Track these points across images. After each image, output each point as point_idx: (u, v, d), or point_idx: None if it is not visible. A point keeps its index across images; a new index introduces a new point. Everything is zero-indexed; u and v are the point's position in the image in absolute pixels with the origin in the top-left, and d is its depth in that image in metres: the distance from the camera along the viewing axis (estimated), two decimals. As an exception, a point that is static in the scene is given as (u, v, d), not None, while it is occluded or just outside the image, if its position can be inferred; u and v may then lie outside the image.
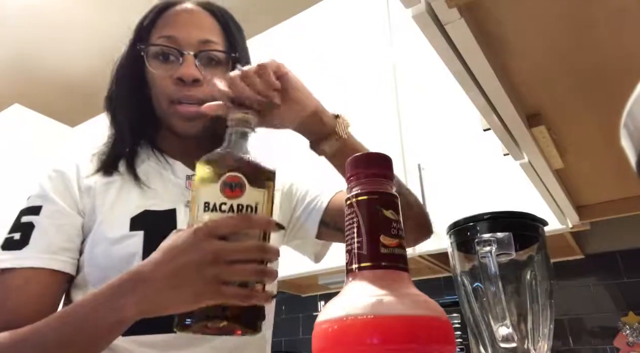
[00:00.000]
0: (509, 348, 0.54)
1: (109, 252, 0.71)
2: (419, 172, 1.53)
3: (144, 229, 0.72)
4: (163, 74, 0.77)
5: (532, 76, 0.60)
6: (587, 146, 0.77)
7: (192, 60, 0.76)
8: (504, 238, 0.56)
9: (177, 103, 0.76)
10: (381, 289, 0.32)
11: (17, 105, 2.66)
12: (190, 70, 0.75)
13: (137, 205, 0.75)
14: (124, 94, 0.81)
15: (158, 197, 0.77)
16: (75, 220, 0.74)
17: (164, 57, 0.77)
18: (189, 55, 0.76)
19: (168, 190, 0.79)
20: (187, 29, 0.78)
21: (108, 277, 0.67)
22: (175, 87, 0.76)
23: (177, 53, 0.76)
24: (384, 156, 0.36)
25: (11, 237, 0.71)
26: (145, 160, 0.81)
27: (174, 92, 0.76)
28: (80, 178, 0.78)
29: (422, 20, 0.45)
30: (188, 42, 0.77)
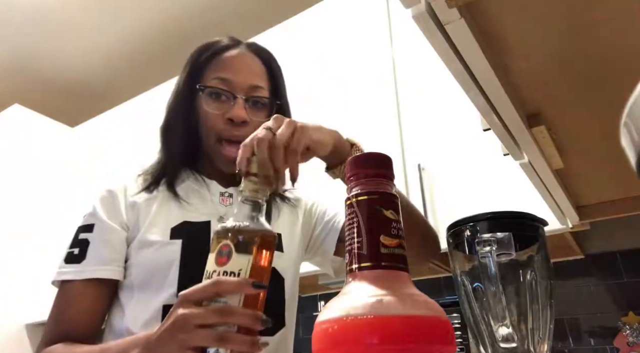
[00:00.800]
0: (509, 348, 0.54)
1: (151, 257, 0.80)
2: (419, 172, 1.53)
3: (182, 238, 0.81)
4: (215, 112, 0.86)
5: (532, 76, 0.60)
6: (587, 146, 0.77)
7: (242, 103, 0.86)
8: (504, 238, 0.56)
9: (224, 141, 0.85)
10: (381, 289, 0.32)
11: (17, 105, 2.66)
12: (241, 113, 0.85)
13: (176, 217, 0.84)
14: (177, 123, 0.90)
15: (195, 210, 0.86)
16: (121, 234, 0.84)
17: (217, 97, 0.87)
18: (240, 99, 0.86)
19: (204, 205, 0.88)
20: (240, 73, 0.88)
21: (150, 280, 0.79)
22: (225, 126, 0.85)
23: (230, 95, 0.86)
24: (384, 156, 0.36)
25: (72, 252, 0.82)
26: (185, 180, 0.90)
27: (223, 130, 0.85)
28: (127, 196, 0.87)
29: (422, 20, 0.45)
30: (240, 87, 0.87)
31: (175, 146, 0.90)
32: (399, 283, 0.33)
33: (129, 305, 0.81)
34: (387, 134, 1.66)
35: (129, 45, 2.70)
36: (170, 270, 0.79)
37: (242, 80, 0.87)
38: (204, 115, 0.87)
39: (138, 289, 0.81)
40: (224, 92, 0.86)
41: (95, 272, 0.80)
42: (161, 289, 0.79)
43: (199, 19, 2.52)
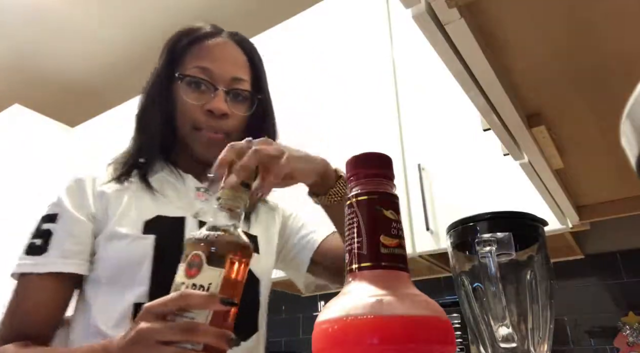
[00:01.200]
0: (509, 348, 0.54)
1: (121, 251, 0.76)
2: (419, 172, 1.53)
3: (155, 234, 0.77)
4: (194, 103, 0.82)
5: (532, 76, 0.60)
6: (587, 146, 0.77)
7: (223, 95, 0.82)
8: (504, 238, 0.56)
9: (200, 129, 0.82)
10: (381, 289, 0.32)
11: (17, 105, 2.66)
12: (221, 105, 0.82)
13: (150, 210, 0.80)
14: (153, 110, 0.86)
15: (169, 204, 0.82)
16: (86, 226, 0.79)
17: (197, 86, 0.83)
18: (221, 90, 0.83)
19: (179, 199, 0.84)
20: (221, 64, 0.84)
21: (120, 275, 0.75)
22: (204, 117, 0.82)
23: (211, 86, 0.83)
24: (384, 156, 0.36)
25: (33, 243, 0.77)
26: (159, 171, 0.86)
27: (201, 121, 0.82)
28: (95, 186, 0.83)
29: (422, 20, 0.45)
30: (222, 78, 0.83)
31: (150, 134, 0.86)
32: (399, 283, 0.33)
33: (96, 302, 0.77)
34: (387, 134, 1.66)
35: (129, 46, 2.70)
36: (142, 266, 0.75)
37: (224, 71, 0.83)
38: (182, 104, 0.83)
39: (106, 284, 0.77)
40: (205, 82, 0.82)
41: (57, 266, 0.75)
42: (132, 286, 0.75)
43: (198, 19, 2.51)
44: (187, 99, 0.82)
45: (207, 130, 0.82)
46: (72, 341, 0.77)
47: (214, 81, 0.83)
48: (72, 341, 0.77)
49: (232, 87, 0.84)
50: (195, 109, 0.82)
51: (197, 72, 0.83)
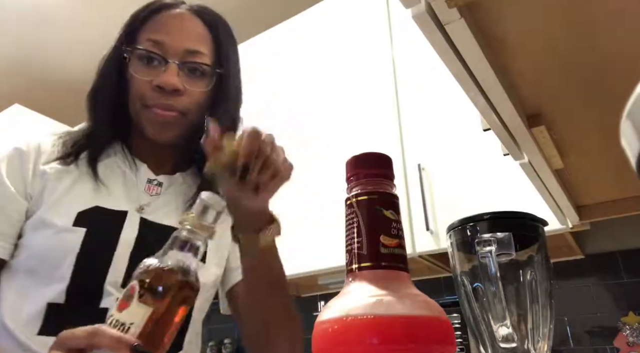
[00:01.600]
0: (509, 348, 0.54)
1: (45, 242, 0.70)
2: (419, 172, 1.53)
3: (87, 227, 0.70)
4: (143, 78, 0.75)
5: (532, 76, 0.60)
6: (587, 146, 0.77)
7: (175, 69, 0.74)
8: (504, 238, 0.56)
9: (150, 108, 0.74)
10: (381, 289, 0.32)
11: (17, 105, 2.66)
12: (171, 79, 0.73)
13: (88, 200, 0.73)
14: (105, 89, 0.79)
15: (113, 195, 0.75)
16: (20, 205, 0.72)
17: (148, 61, 0.75)
18: (173, 63, 0.74)
19: (125, 190, 0.77)
20: (175, 36, 0.76)
21: (39, 268, 0.69)
22: (153, 93, 0.74)
23: (161, 59, 0.74)
24: (384, 156, 0.36)
25: None
26: (112, 156, 0.79)
27: (150, 98, 0.74)
28: (37, 161, 0.76)
29: (422, 20, 0.45)
30: (174, 51, 0.75)
31: (102, 114, 0.79)
32: (399, 283, 0.33)
33: (8, 293, 0.70)
34: (387, 134, 1.66)
35: (129, 45, 2.69)
36: (64, 261, 0.68)
37: (177, 43, 0.75)
38: (132, 79, 0.76)
39: (23, 275, 0.70)
40: (155, 55, 0.74)
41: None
42: (49, 282, 0.68)
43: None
44: (136, 74, 0.75)
45: (156, 107, 0.74)
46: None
47: (165, 54, 0.74)
48: None
49: (187, 59, 0.76)
50: (144, 85, 0.74)
51: (148, 46, 0.75)
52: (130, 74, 0.76)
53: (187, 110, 0.76)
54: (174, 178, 0.82)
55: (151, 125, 0.75)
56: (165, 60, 0.74)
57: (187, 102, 0.76)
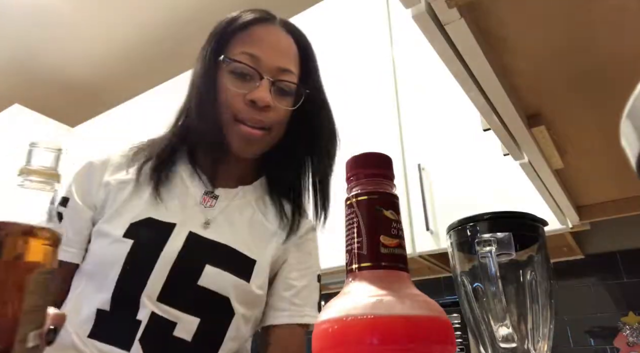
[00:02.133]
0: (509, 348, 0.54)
1: (102, 251, 0.74)
2: (419, 172, 1.53)
3: (135, 238, 0.73)
4: (237, 91, 0.76)
5: (532, 76, 0.60)
6: (587, 146, 0.77)
7: (268, 85, 0.76)
8: (504, 238, 0.56)
9: (241, 122, 0.76)
10: (381, 289, 0.32)
11: (17, 105, 2.66)
12: (265, 96, 0.75)
13: (143, 211, 0.76)
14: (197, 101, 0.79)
15: (167, 206, 0.77)
16: (85, 213, 0.77)
17: (242, 75, 0.76)
18: (267, 80, 0.76)
19: (180, 203, 0.78)
20: (271, 53, 0.77)
21: (96, 275, 0.72)
22: (245, 107, 0.75)
23: (257, 75, 0.76)
24: (384, 156, 0.36)
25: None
26: (175, 165, 0.82)
27: (242, 111, 0.75)
28: (103, 173, 0.80)
29: (422, 20, 0.45)
30: (269, 67, 0.76)
31: (208, 121, 0.78)
32: (399, 283, 0.33)
33: (73, 293, 0.75)
34: (387, 134, 1.66)
35: (129, 46, 2.70)
36: (112, 271, 0.71)
37: (272, 60, 0.76)
38: (224, 92, 0.76)
39: (86, 279, 0.74)
40: (251, 70, 0.75)
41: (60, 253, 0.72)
42: (101, 289, 0.71)
43: (198, 19, 2.52)
44: (229, 86, 0.76)
45: (247, 122, 0.75)
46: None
47: (260, 69, 0.75)
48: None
49: (279, 78, 0.77)
50: (237, 98, 0.75)
51: (244, 59, 0.76)
52: (223, 85, 0.77)
53: (272, 125, 0.78)
54: (233, 192, 0.82)
55: (238, 140, 0.77)
56: (260, 76, 0.76)
57: (274, 119, 0.78)
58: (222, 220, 0.79)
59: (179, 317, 0.71)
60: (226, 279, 0.74)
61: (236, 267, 0.76)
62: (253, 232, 0.81)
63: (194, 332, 0.71)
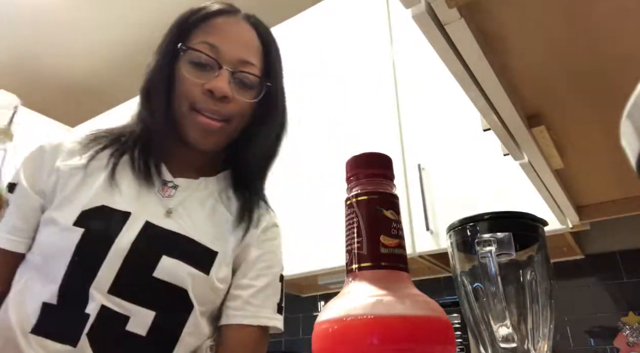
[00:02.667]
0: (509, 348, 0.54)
1: (49, 240, 0.70)
2: (419, 172, 1.53)
3: (86, 227, 0.69)
4: (195, 81, 0.74)
5: (532, 76, 0.60)
6: (587, 146, 0.77)
7: (227, 76, 0.75)
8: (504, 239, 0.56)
9: (198, 112, 0.74)
10: (381, 289, 0.32)
11: (17, 105, 2.66)
12: (223, 85, 0.73)
13: (96, 198, 0.72)
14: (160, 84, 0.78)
15: (122, 195, 0.74)
16: (34, 201, 0.73)
17: (200, 64, 0.75)
18: (226, 70, 0.74)
19: (136, 191, 0.75)
20: (232, 43, 0.76)
21: (42, 267, 0.69)
22: (203, 97, 0.74)
23: (215, 64, 0.75)
24: (384, 156, 0.36)
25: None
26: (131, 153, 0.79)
27: (200, 101, 0.74)
28: (54, 159, 0.76)
29: (422, 20, 0.45)
30: (229, 58, 0.75)
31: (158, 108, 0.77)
32: (399, 283, 0.33)
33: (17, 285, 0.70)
34: (387, 134, 1.66)
35: (129, 46, 2.70)
36: (60, 261, 0.67)
37: (233, 51, 0.75)
38: (182, 82, 0.75)
39: (31, 270, 0.70)
40: (210, 60, 0.74)
41: (2, 241, 0.70)
42: (47, 281, 0.68)
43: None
44: (187, 75, 0.75)
45: (205, 112, 0.74)
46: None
47: (219, 60, 0.75)
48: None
49: (239, 69, 0.76)
50: (195, 87, 0.74)
51: (203, 48, 0.75)
52: (181, 75, 0.75)
53: (232, 118, 0.77)
54: (195, 182, 0.80)
55: (195, 131, 0.75)
56: (219, 66, 0.74)
57: (233, 110, 0.76)
58: (181, 210, 0.76)
59: (132, 311, 0.67)
60: (184, 270, 0.71)
61: (196, 258, 0.73)
62: (215, 224, 0.78)
63: (149, 326, 0.68)
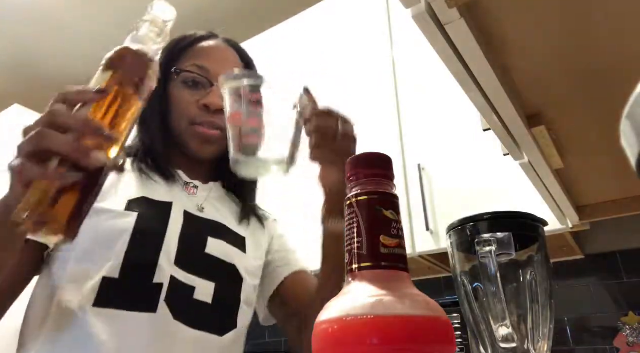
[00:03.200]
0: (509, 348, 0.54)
1: (101, 226, 0.73)
2: (419, 172, 1.53)
3: (139, 211, 0.75)
4: (189, 99, 0.83)
5: (532, 76, 0.60)
6: (587, 146, 0.77)
7: (218, 91, 0.80)
8: (504, 239, 0.56)
9: (197, 125, 0.83)
10: (381, 289, 0.32)
11: (17, 105, 2.66)
12: (217, 100, 0.81)
13: (135, 191, 0.79)
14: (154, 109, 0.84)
15: (158, 189, 0.81)
16: None
17: (193, 84, 0.84)
18: (216, 86, 0.82)
19: (168, 187, 0.83)
20: (218, 63, 0.86)
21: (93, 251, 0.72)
22: (199, 112, 0.83)
23: (207, 83, 0.84)
24: (384, 156, 0.36)
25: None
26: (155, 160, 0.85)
27: (197, 116, 0.83)
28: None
29: (422, 20, 0.45)
30: (217, 76, 0.82)
31: (151, 134, 0.86)
32: (399, 284, 0.33)
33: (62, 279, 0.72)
34: (387, 134, 1.66)
35: (129, 45, 2.69)
36: (119, 241, 0.72)
37: (220, 69, 0.84)
38: (177, 100, 0.84)
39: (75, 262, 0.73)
40: (202, 79, 0.84)
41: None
42: (103, 262, 0.71)
43: (198, 19, 2.52)
44: (183, 94, 0.84)
45: (204, 125, 0.83)
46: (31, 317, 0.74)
47: (209, 78, 0.84)
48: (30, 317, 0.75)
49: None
50: (191, 105, 0.83)
51: (194, 69, 0.85)
52: (176, 95, 0.85)
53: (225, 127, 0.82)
54: (208, 186, 0.90)
55: (196, 142, 0.84)
56: (211, 84, 0.84)
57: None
58: (208, 205, 0.86)
59: (196, 281, 0.76)
60: (228, 248, 0.82)
61: (233, 240, 0.84)
62: (234, 217, 0.89)
63: (212, 296, 0.77)
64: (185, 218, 0.80)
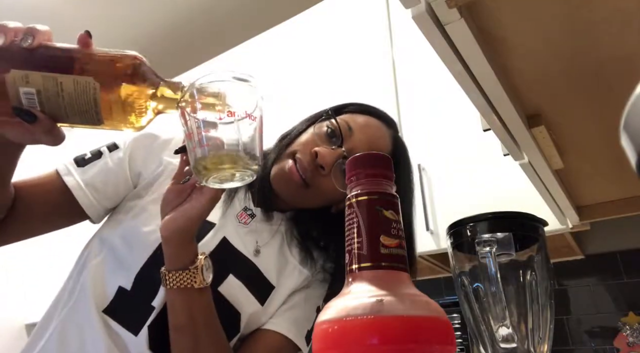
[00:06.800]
0: (509, 348, 0.54)
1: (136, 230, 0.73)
2: (419, 172, 1.53)
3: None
4: (314, 140, 0.77)
5: (532, 76, 0.60)
6: (587, 146, 0.77)
7: (339, 157, 0.74)
8: (504, 239, 0.56)
9: (293, 159, 0.76)
10: (381, 289, 0.32)
11: (17, 105, 2.66)
12: (330, 159, 0.74)
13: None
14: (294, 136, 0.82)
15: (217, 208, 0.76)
16: (124, 173, 0.77)
17: (329, 134, 0.77)
18: (343, 152, 0.75)
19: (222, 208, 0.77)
20: (366, 138, 0.78)
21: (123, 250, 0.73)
22: (306, 153, 0.75)
23: (340, 141, 0.76)
24: (384, 156, 0.36)
25: (85, 154, 0.79)
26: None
27: (302, 153, 0.76)
28: (163, 150, 0.80)
29: (422, 20, 0.45)
30: (353, 146, 0.77)
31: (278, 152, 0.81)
32: (399, 284, 0.33)
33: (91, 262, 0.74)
34: (387, 134, 1.66)
35: (129, 46, 2.70)
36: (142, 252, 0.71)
37: (362, 144, 0.78)
38: (306, 134, 0.80)
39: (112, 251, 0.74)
40: (339, 135, 0.77)
41: (76, 190, 0.73)
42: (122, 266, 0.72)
43: (199, 19, 2.52)
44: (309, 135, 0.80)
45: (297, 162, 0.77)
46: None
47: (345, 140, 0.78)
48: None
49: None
50: (308, 144, 0.78)
51: (342, 124, 0.80)
52: (310, 131, 0.79)
53: (312, 185, 0.75)
54: (269, 215, 0.82)
55: (278, 171, 0.77)
56: (340, 145, 0.75)
57: (317, 182, 0.75)
58: (251, 238, 0.78)
59: None
60: (244, 294, 0.74)
61: (257, 287, 0.75)
62: (279, 260, 0.80)
63: None
64: (220, 245, 0.74)
